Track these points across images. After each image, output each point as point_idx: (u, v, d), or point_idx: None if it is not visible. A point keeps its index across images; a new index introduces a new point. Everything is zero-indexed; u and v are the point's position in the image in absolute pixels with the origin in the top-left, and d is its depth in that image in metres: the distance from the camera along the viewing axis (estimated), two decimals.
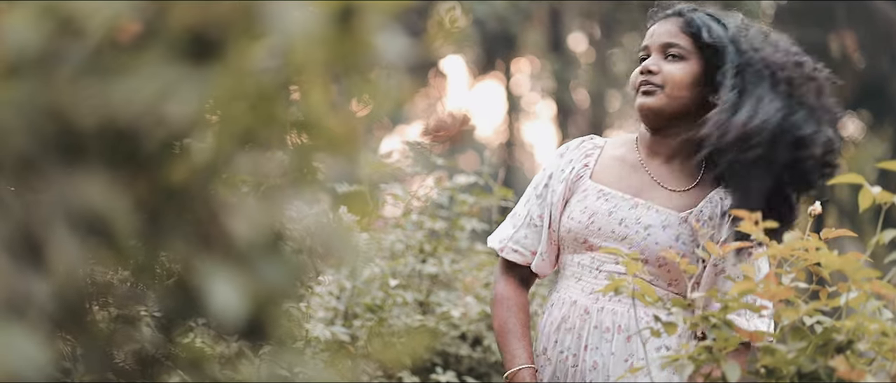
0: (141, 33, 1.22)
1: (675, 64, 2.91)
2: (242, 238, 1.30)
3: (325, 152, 1.44)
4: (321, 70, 1.35)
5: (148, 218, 1.27)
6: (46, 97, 1.15)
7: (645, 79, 2.91)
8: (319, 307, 4.28)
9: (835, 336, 2.03)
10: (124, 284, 1.59)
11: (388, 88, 1.44)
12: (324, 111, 1.39)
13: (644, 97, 2.90)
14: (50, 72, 1.17)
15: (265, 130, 1.34)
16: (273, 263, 1.34)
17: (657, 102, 2.89)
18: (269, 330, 1.46)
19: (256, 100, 1.29)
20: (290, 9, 1.27)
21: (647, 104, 2.89)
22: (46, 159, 1.18)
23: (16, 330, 1.14)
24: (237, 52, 1.26)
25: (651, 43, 2.95)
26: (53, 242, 1.18)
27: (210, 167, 1.31)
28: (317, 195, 1.50)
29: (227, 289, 1.26)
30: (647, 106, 2.89)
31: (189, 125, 1.23)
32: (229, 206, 1.31)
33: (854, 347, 2.04)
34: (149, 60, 1.21)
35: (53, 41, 1.17)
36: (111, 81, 1.20)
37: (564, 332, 2.88)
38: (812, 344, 2.03)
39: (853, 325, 2.03)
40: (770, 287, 2.05)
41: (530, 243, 3.00)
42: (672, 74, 2.90)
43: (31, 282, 1.17)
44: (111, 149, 1.20)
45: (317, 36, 1.30)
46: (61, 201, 1.17)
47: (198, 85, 1.20)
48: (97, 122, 1.17)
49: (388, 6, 1.35)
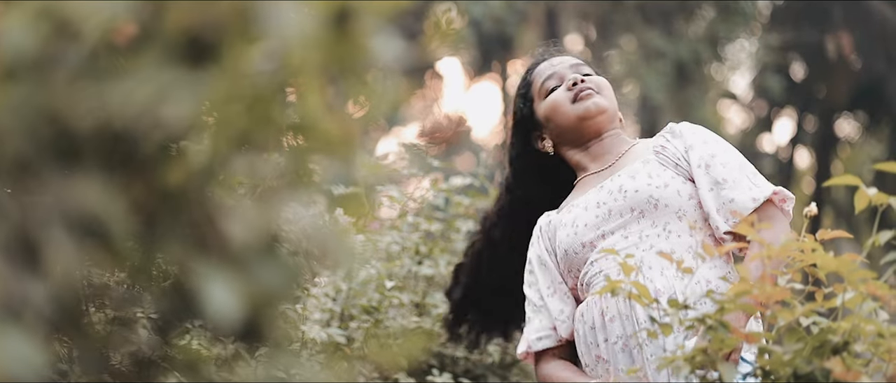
0: (137, 36, 1.22)
1: (593, 76, 3.03)
2: (238, 240, 1.30)
3: (322, 154, 1.44)
4: (317, 72, 1.35)
5: (144, 220, 1.27)
6: (43, 100, 1.15)
7: (580, 87, 2.97)
8: (315, 309, 4.27)
9: (831, 337, 2.04)
10: (121, 286, 1.59)
11: (385, 90, 1.44)
12: (320, 113, 1.39)
13: (588, 100, 2.96)
14: (46, 74, 1.17)
15: (261, 133, 1.34)
16: (269, 265, 1.34)
17: (604, 101, 2.97)
18: (265, 332, 1.46)
19: (252, 102, 1.29)
20: (286, 11, 1.27)
21: (598, 102, 2.96)
22: (43, 162, 1.18)
23: (12, 332, 1.14)
24: (233, 55, 1.26)
25: (557, 70, 3.02)
26: (50, 244, 1.18)
27: (206, 169, 1.31)
28: (313, 197, 1.50)
29: (223, 292, 1.27)
30: (598, 104, 2.96)
31: (185, 127, 1.23)
32: (225, 209, 1.31)
33: (850, 348, 2.05)
34: (145, 63, 1.21)
35: (50, 44, 1.17)
36: (107, 84, 1.20)
37: (609, 323, 2.84)
38: (808, 346, 2.03)
39: (849, 326, 2.04)
40: (766, 288, 2.05)
41: (546, 322, 2.98)
42: (599, 81, 3.01)
43: (27, 284, 1.17)
44: (108, 151, 1.21)
45: (313, 38, 1.30)
46: (58, 203, 1.17)
47: (194, 87, 1.20)
48: (94, 125, 1.17)
49: (384, 9, 1.36)
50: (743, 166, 2.82)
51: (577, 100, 2.95)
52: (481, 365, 4.60)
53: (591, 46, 18.75)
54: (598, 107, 2.95)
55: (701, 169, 2.81)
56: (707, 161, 2.82)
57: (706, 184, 2.80)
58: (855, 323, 2.04)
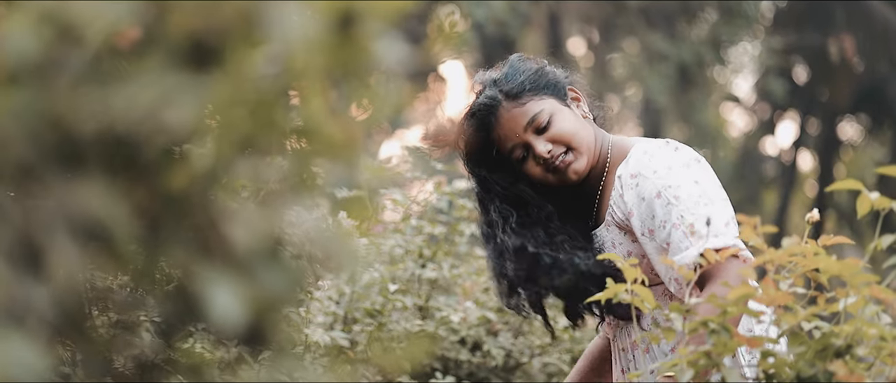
0: (140, 40, 1.23)
1: (552, 125, 2.82)
2: (242, 244, 1.30)
3: (325, 158, 1.44)
4: (320, 76, 1.35)
5: (147, 224, 1.27)
6: (46, 104, 1.16)
7: (550, 160, 2.79)
8: (319, 312, 4.27)
9: (834, 340, 2.04)
10: (124, 290, 1.59)
11: (388, 94, 1.44)
12: (323, 117, 1.39)
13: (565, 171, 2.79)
14: (49, 78, 1.17)
15: (265, 136, 1.34)
16: (272, 269, 1.34)
17: (579, 163, 2.80)
18: (268, 335, 1.46)
19: (256, 106, 1.29)
20: (289, 15, 1.27)
21: (576, 169, 2.79)
22: (46, 166, 1.18)
23: (15, 336, 1.14)
24: (236, 59, 1.26)
25: (514, 140, 2.82)
26: (53, 249, 1.18)
27: (210, 173, 1.31)
28: (316, 200, 1.50)
29: (226, 296, 1.27)
30: (576, 171, 2.79)
31: (189, 132, 1.24)
32: (229, 213, 1.31)
33: (853, 352, 2.05)
34: (148, 67, 1.21)
35: (53, 48, 1.17)
36: (111, 88, 1.20)
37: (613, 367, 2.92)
38: (811, 349, 2.03)
39: (852, 330, 2.04)
40: (769, 292, 2.05)
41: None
42: (562, 133, 2.80)
43: (30, 288, 1.17)
44: (111, 155, 1.21)
45: (316, 42, 1.30)
46: (61, 208, 1.18)
47: (197, 91, 1.21)
48: (97, 129, 1.17)
49: (387, 12, 1.36)
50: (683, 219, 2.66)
51: (553, 171, 2.81)
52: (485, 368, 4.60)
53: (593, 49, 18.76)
54: (577, 173, 2.80)
55: (645, 237, 2.72)
56: (648, 226, 2.71)
57: (652, 250, 2.72)
58: (857, 326, 2.04)
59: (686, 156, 2.74)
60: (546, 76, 2.90)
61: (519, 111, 2.83)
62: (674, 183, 2.69)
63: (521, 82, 2.86)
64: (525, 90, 2.85)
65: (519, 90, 2.85)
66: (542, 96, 2.85)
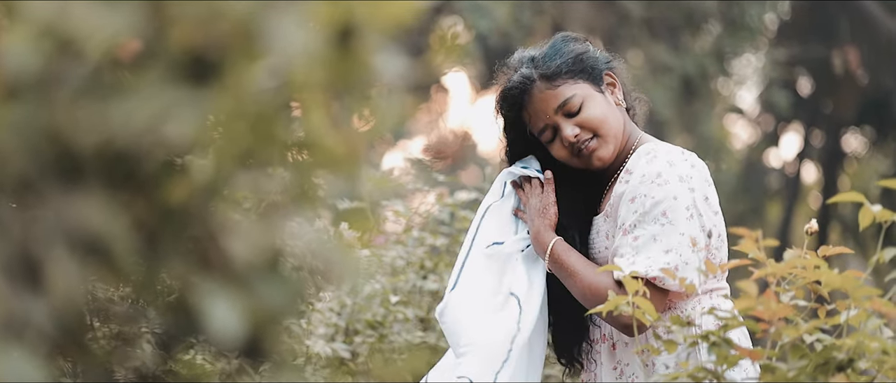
0: (140, 54, 1.23)
1: (583, 110, 2.83)
2: (241, 257, 1.30)
3: (326, 170, 1.44)
4: (321, 89, 1.36)
5: (147, 237, 1.27)
6: (46, 118, 1.16)
7: (576, 144, 2.81)
8: (320, 323, 4.27)
9: (835, 354, 2.03)
10: (124, 302, 1.59)
11: (389, 106, 1.44)
12: (324, 129, 1.40)
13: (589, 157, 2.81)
14: (49, 92, 1.17)
15: (265, 149, 1.34)
16: (272, 283, 1.34)
17: (605, 150, 2.82)
18: (268, 347, 1.46)
19: (256, 119, 1.29)
20: (290, 28, 1.27)
21: (601, 156, 2.81)
22: (46, 179, 1.18)
23: (15, 349, 1.14)
24: (236, 72, 1.27)
25: (545, 121, 2.84)
26: (52, 262, 1.18)
27: (210, 186, 1.32)
28: (317, 212, 1.50)
29: (225, 309, 1.27)
30: (600, 157, 2.81)
31: (188, 145, 1.24)
32: (228, 226, 1.32)
33: (855, 365, 2.04)
34: (148, 81, 1.21)
35: (53, 62, 1.17)
36: (110, 102, 1.20)
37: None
38: (812, 363, 2.03)
39: (854, 343, 2.03)
40: (770, 305, 2.05)
41: None
42: (591, 118, 2.81)
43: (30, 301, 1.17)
44: (110, 169, 1.21)
45: (316, 55, 1.31)
46: (61, 221, 1.18)
47: (197, 105, 1.21)
48: (96, 143, 1.17)
49: (388, 25, 1.36)
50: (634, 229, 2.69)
51: (578, 154, 2.82)
52: None
53: None
54: (602, 160, 2.82)
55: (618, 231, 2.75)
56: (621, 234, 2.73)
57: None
58: (859, 339, 2.03)
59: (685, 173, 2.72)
60: (584, 61, 2.90)
61: (552, 93, 2.85)
62: (652, 194, 2.70)
63: (559, 65, 2.87)
64: (561, 73, 2.86)
65: (555, 72, 2.86)
66: (578, 80, 2.86)
